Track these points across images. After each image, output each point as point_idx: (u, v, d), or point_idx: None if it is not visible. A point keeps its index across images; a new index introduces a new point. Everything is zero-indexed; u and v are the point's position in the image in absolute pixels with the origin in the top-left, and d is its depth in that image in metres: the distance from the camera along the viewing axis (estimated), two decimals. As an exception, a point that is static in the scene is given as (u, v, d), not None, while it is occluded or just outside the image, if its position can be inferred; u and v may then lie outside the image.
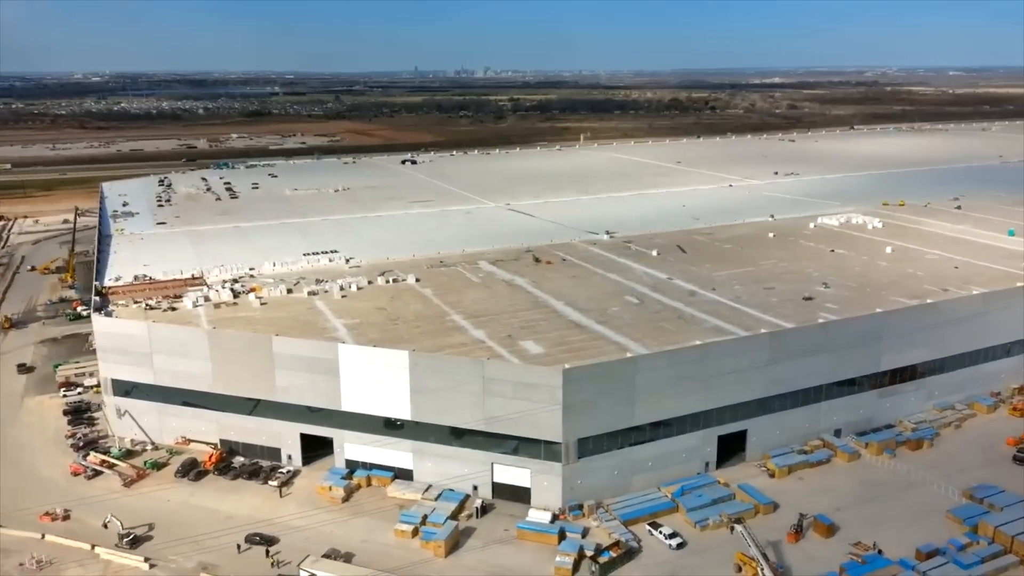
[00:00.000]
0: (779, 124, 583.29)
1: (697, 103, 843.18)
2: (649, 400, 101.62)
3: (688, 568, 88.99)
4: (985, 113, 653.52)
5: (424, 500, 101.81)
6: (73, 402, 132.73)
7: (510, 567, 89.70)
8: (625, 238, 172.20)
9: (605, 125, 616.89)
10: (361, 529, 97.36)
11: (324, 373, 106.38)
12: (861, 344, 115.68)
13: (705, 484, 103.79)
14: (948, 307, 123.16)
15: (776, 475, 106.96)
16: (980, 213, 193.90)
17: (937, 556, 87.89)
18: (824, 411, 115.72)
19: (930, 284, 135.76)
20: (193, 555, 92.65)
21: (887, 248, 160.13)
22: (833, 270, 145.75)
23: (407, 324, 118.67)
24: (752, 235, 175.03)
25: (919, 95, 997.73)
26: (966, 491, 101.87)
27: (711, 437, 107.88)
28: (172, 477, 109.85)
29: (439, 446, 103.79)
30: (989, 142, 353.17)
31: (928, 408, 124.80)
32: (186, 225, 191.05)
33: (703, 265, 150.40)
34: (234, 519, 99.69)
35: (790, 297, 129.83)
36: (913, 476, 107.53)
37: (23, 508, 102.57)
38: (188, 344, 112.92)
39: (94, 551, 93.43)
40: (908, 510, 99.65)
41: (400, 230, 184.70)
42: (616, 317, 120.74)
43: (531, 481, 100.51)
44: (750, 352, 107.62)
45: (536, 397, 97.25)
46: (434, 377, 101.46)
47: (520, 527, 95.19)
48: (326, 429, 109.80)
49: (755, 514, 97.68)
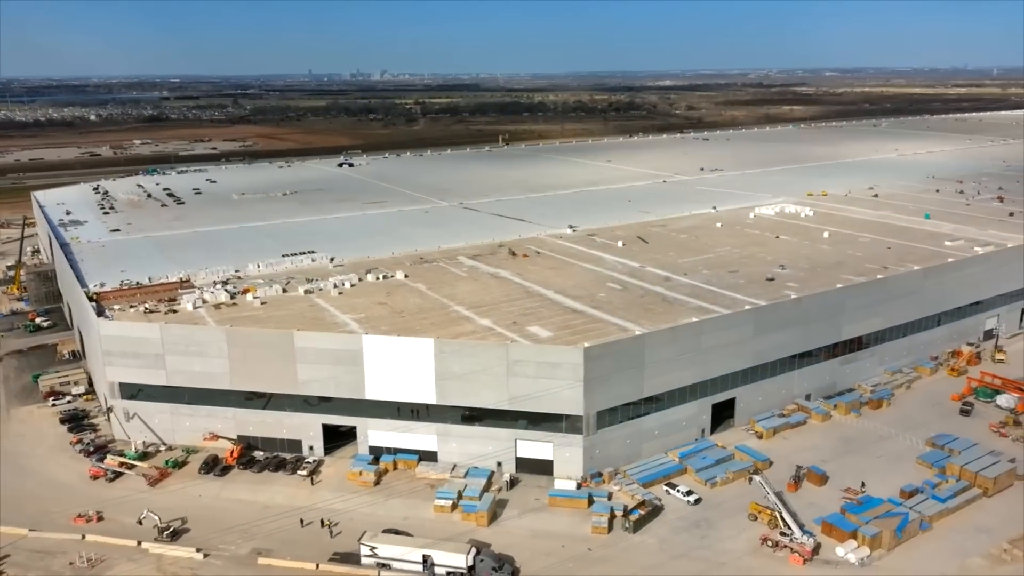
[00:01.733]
0: (682, 124, 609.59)
1: (601, 105, 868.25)
2: (655, 374, 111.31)
3: (707, 520, 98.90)
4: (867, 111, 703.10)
5: (453, 478, 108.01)
6: (68, 410, 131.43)
7: (549, 530, 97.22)
8: (588, 231, 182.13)
9: (519, 127, 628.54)
10: (400, 508, 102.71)
11: (348, 364, 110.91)
12: (826, 317, 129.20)
13: (705, 447, 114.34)
14: (895, 282, 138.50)
15: (764, 436, 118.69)
16: (895, 200, 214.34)
17: (918, 494, 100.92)
18: (796, 378, 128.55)
19: (870, 263, 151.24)
20: (243, 543, 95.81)
21: (824, 233, 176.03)
22: (783, 254, 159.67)
23: (413, 316, 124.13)
24: (701, 225, 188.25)
25: (804, 95, 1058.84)
26: (928, 440, 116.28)
27: (706, 405, 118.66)
28: (195, 475, 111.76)
29: (463, 427, 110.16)
30: (883, 138, 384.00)
31: (880, 372, 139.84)
32: (143, 231, 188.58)
33: (667, 253, 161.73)
34: (272, 508, 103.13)
35: (754, 279, 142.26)
36: (880, 431, 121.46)
37: (51, 512, 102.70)
38: (205, 343, 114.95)
39: (140, 546, 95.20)
40: (882, 459, 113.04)
41: (367, 230, 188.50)
42: (606, 302, 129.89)
43: (554, 454, 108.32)
44: (738, 326, 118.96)
45: (559, 375, 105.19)
46: (459, 362, 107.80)
47: (552, 495, 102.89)
48: (349, 418, 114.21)
49: (755, 470, 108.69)
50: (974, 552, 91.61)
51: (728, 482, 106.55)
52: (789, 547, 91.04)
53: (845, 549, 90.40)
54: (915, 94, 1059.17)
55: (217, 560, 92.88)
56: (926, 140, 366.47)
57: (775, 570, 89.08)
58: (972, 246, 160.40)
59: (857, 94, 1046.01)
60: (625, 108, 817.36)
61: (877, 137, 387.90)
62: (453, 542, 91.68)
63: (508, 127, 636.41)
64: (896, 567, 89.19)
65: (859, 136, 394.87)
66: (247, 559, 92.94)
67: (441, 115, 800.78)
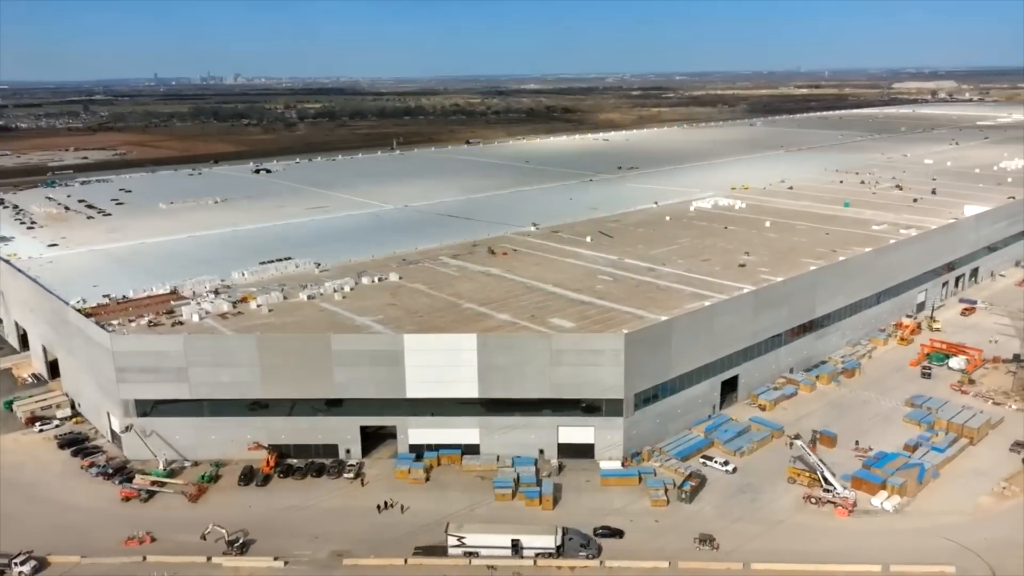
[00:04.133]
0: (564, 128, 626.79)
1: (479, 108, 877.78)
2: (680, 355, 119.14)
3: (750, 486, 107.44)
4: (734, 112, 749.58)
5: (502, 468, 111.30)
6: (65, 434, 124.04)
7: (610, 507, 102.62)
8: (550, 228, 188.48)
9: (405, 130, 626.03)
10: (459, 500, 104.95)
11: (388, 364, 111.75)
12: (805, 296, 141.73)
13: (723, 422, 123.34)
14: (854, 263, 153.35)
15: (767, 408, 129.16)
16: (808, 191, 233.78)
17: (919, 447, 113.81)
18: (783, 354, 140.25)
19: (820, 247, 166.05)
20: (318, 547, 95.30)
21: (766, 223, 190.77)
22: (740, 243, 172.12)
23: (430, 315, 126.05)
24: (652, 219, 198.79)
25: (667, 98, 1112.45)
26: (907, 401, 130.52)
27: (716, 383, 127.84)
28: (233, 487, 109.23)
29: (506, 418, 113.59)
30: (764, 135, 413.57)
31: (843, 345, 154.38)
32: (85, 245, 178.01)
33: (635, 246, 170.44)
34: (334, 511, 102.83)
35: (727, 266, 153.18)
36: (861, 396, 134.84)
37: (93, 538, 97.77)
38: (234, 352, 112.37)
39: (211, 561, 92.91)
40: (873, 420, 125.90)
41: (330, 234, 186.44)
42: (607, 292, 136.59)
43: (595, 437, 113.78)
44: (741, 308, 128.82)
45: (600, 361, 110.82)
46: (503, 355, 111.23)
47: (604, 475, 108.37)
48: (388, 418, 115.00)
49: (772, 438, 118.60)
50: (980, 492, 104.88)
51: (753, 451, 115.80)
52: (832, 502, 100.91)
53: (879, 499, 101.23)
54: (762, 95, 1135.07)
55: (300, 566, 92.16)
56: (803, 136, 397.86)
57: (827, 523, 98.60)
58: (898, 229, 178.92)
59: (712, 96, 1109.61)
60: (504, 111, 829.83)
61: (757, 135, 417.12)
62: (539, 525, 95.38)
63: (391, 130, 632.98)
64: (924, 510, 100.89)
65: (741, 134, 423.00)
66: (330, 562, 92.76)
67: (319, 119, 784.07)
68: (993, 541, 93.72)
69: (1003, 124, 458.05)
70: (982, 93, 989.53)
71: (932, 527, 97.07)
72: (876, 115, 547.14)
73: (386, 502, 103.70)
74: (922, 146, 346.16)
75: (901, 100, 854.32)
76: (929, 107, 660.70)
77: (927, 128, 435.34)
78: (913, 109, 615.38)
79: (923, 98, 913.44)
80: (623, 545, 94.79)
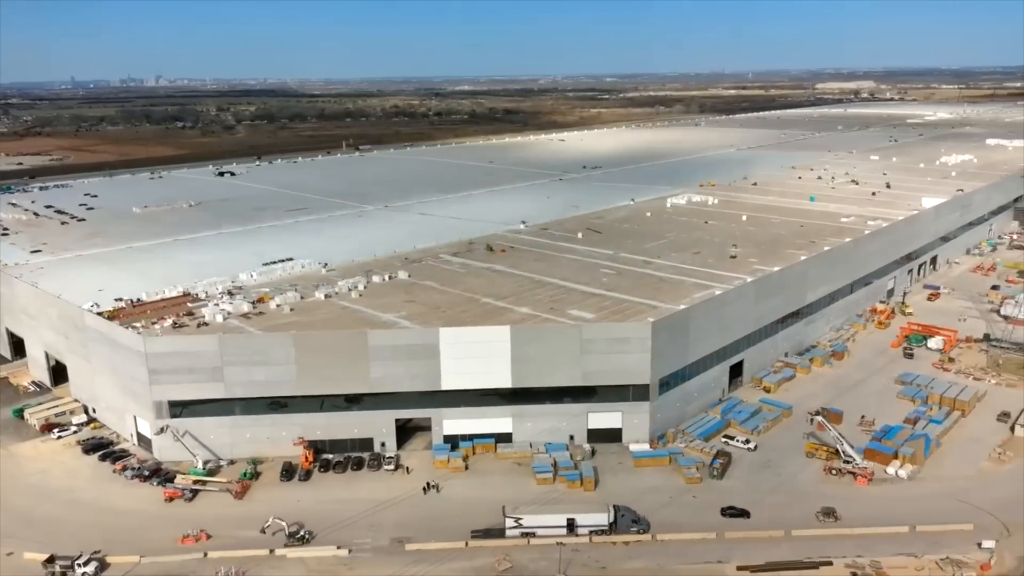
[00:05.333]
0: (509, 129, 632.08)
1: (421, 109, 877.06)
2: (696, 342, 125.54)
3: (773, 461, 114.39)
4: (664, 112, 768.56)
5: (537, 454, 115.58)
6: (88, 440, 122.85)
7: (649, 487, 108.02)
8: (539, 225, 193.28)
9: (350, 132, 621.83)
10: (503, 486, 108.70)
11: (424, 358, 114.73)
12: (798, 285, 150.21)
13: (735, 404, 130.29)
14: (837, 252, 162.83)
15: (771, 390, 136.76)
16: (771, 187, 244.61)
17: (919, 420, 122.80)
18: (779, 339, 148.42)
19: (799, 239, 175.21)
20: (377, 535, 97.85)
21: (743, 217, 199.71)
22: (724, 236, 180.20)
23: (452, 310, 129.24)
24: (633, 216, 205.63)
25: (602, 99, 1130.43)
26: (897, 379, 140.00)
27: (725, 368, 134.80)
28: (275, 484, 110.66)
29: (537, 406, 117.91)
30: (712, 134, 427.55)
31: (828, 330, 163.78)
32: (69, 251, 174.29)
33: (625, 241, 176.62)
34: (383, 502, 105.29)
35: (719, 258, 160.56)
36: (853, 376, 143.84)
37: (147, 539, 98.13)
38: (270, 351, 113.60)
39: (274, 554, 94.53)
40: (868, 397, 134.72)
41: (323, 235, 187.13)
42: (615, 285, 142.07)
43: (623, 421, 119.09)
44: (745, 296, 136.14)
45: (628, 348, 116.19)
46: (534, 346, 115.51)
47: (637, 456, 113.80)
48: (423, 410, 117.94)
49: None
50: (980, 458, 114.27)
51: (768, 430, 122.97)
52: (852, 472, 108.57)
53: (894, 468, 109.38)
54: (695, 96, 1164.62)
55: (363, 553, 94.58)
56: (750, 135, 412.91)
57: (850, 491, 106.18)
58: (865, 221, 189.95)
59: (648, 97, 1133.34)
60: (445, 113, 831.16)
61: (706, 134, 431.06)
62: (592, 504, 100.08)
63: (336, 133, 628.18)
64: (934, 476, 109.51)
65: (690, 134, 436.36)
66: (393, 548, 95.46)
67: (257, 122, 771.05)
68: (1000, 500, 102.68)
69: (931, 121, 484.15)
70: (901, 92, 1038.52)
71: (944, 491, 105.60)
72: (812, 115, 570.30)
73: (428, 483, 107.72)
74: (864, 143, 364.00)
75: (827, 100, 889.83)
76: (858, 106, 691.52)
77: (863, 126, 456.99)
78: (845, 108, 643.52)
79: (847, 98, 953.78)
80: (666, 518, 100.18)
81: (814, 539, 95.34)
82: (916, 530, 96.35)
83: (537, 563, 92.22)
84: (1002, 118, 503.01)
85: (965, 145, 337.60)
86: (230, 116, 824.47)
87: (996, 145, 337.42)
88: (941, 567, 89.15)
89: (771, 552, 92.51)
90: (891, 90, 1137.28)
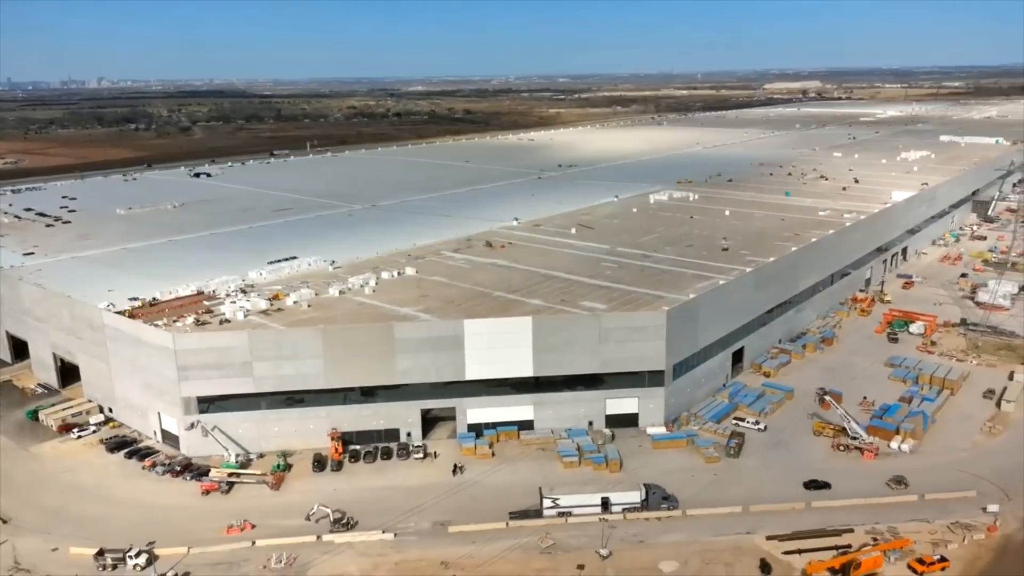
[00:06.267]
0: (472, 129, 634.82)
1: (380, 110, 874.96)
2: (704, 329, 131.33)
3: (783, 441, 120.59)
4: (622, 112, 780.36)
5: (560, 440, 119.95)
6: (112, 439, 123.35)
7: (671, 467, 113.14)
8: (531, 222, 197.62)
9: (312, 133, 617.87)
10: (532, 470, 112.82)
11: (448, 349, 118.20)
12: (790, 274, 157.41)
13: (739, 388, 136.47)
14: (824, 243, 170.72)
15: (771, 375, 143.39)
16: (745, 183, 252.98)
17: (913, 399, 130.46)
18: (774, 326, 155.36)
19: (784, 232, 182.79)
20: (418, 520, 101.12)
21: (726, 212, 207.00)
22: (712, 230, 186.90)
23: (467, 303, 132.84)
24: (620, 212, 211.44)
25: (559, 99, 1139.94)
26: (887, 362, 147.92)
27: (728, 354, 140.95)
28: (308, 475, 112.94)
29: (558, 394, 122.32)
30: (676, 133, 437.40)
31: (815, 318, 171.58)
32: (64, 253, 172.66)
33: (619, 236, 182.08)
34: (417, 488, 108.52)
35: (712, 251, 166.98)
36: (845, 360, 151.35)
37: (191, 531, 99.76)
38: (299, 345, 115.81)
39: (322, 540, 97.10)
40: (862, 378, 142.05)
41: (320, 234, 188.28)
42: (619, 277, 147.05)
43: (639, 406, 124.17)
44: (745, 286, 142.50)
45: (644, 337, 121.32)
46: (555, 335, 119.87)
47: (656, 439, 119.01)
48: (448, 400, 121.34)
49: (786, 400, 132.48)
50: (972, 432, 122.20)
51: (774, 411, 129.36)
52: (859, 448, 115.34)
53: (897, 443, 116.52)
54: (648, 96, 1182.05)
55: (410, 537, 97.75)
56: (712, 134, 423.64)
57: (859, 466, 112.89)
58: (841, 214, 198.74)
59: (605, 97, 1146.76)
60: (405, 114, 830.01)
61: (670, 133, 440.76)
62: (624, 483, 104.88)
63: (296, 134, 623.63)
64: (934, 449, 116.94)
65: (655, 133, 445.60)
66: (436, 531, 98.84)
67: (213, 123, 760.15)
68: (997, 469, 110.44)
69: (883, 119, 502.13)
70: (847, 92, 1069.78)
71: (945, 462, 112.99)
72: (768, 114, 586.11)
73: (455, 464, 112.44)
74: (824, 141, 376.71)
75: (778, 100, 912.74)
76: (810, 106, 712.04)
77: (819, 125, 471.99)
78: (798, 108, 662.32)
79: (796, 97, 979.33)
80: (693, 495, 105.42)
81: (831, 510, 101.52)
82: (925, 498, 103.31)
83: (577, 539, 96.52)
84: (950, 116, 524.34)
85: (921, 141, 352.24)
86: (184, 117, 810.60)
87: (950, 141, 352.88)
88: (952, 530, 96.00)
89: (795, 522, 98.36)
90: (837, 89, 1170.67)
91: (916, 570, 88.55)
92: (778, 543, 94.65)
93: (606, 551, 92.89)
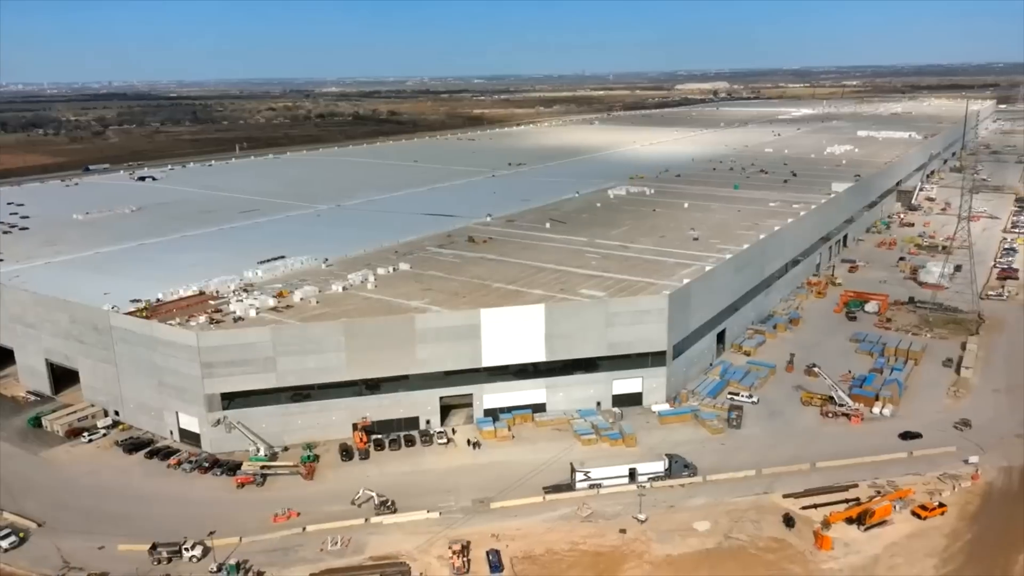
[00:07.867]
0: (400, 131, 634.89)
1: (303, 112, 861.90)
2: (696, 313, 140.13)
3: (777, 412, 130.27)
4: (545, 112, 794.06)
5: (575, 420, 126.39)
6: (127, 439, 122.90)
7: (681, 439, 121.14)
8: (505, 218, 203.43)
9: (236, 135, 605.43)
10: (550, 448, 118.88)
11: (466, 338, 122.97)
12: (760, 260, 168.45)
13: (727, 367, 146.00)
14: (784, 232, 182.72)
15: (751, 353, 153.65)
16: (695, 179, 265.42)
17: (884, 369, 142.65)
18: (747, 309, 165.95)
19: (744, 222, 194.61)
20: (458, 499, 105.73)
21: (685, 204, 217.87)
22: (678, 222, 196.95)
23: (472, 294, 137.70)
24: (585, 207, 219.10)
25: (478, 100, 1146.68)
26: (852, 338, 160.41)
27: (714, 336, 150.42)
28: (337, 464, 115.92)
29: (568, 377, 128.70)
30: (612, 132, 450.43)
31: (779, 301, 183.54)
32: (34, 259, 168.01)
33: (591, 229, 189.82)
34: (447, 471, 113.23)
35: (684, 240, 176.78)
36: (814, 338, 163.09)
37: (236, 522, 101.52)
38: (322, 339, 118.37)
39: (369, 522, 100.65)
40: (833, 353, 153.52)
41: (299, 234, 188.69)
42: (607, 267, 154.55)
43: (643, 386, 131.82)
44: (726, 271, 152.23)
45: (648, 320, 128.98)
46: (566, 321, 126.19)
47: (662, 415, 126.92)
48: (465, 387, 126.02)
49: (771, 375, 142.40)
50: (940, 396, 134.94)
51: (762, 386, 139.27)
52: (846, 414, 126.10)
53: (878, 408, 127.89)
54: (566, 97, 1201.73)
55: (454, 514, 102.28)
56: (647, 132, 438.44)
57: (849, 430, 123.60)
58: (790, 204, 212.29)
59: (527, 98, 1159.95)
60: (328, 116, 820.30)
61: (605, 131, 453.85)
62: (645, 456, 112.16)
63: (218, 136, 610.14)
64: (909, 412, 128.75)
65: (591, 132, 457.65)
66: (477, 508, 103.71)
67: (127, 126, 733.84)
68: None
69: (798, 117, 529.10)
70: (755, 92, 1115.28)
71: (922, 423, 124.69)
72: (691, 113, 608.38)
73: (469, 440, 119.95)
74: (751, 138, 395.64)
75: (694, 100, 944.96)
76: (727, 105, 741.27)
77: (741, 123, 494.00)
78: (717, 107, 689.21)
79: (708, 98, 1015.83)
80: (708, 464, 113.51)
81: (834, 469, 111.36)
82: (913, 455, 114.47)
83: (612, 507, 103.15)
84: (861, 112, 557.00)
85: (842, 136, 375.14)
86: (93, 121, 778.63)
87: (867, 136, 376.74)
88: (942, 480, 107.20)
89: (805, 481, 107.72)
90: (744, 90, 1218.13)
91: (920, 516, 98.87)
92: (794, 500, 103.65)
93: (643, 516, 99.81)
